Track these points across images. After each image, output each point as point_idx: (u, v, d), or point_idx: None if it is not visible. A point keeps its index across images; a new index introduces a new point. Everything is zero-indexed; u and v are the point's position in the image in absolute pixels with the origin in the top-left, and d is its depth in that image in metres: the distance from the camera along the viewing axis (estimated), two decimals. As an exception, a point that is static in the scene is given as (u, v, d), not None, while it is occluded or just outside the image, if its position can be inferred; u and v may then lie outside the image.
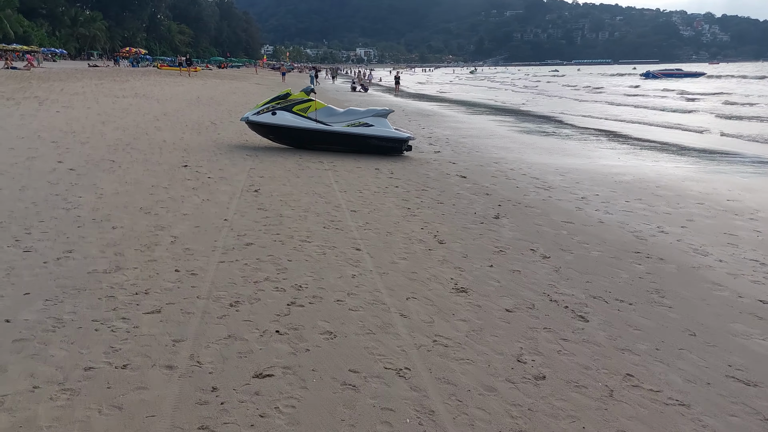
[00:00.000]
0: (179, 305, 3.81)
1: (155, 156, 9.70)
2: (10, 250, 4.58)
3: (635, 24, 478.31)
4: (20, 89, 20.88)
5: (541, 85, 63.55)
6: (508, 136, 16.83)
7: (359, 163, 10.57)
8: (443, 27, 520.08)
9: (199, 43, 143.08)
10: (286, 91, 11.75)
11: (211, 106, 21.22)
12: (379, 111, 11.72)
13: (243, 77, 59.27)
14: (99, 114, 15.37)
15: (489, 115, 26.21)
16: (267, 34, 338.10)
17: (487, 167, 10.81)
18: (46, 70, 40.90)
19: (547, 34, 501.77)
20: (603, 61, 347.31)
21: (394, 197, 7.74)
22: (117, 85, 28.55)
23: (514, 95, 44.67)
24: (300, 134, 11.47)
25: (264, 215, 6.31)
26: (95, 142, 10.61)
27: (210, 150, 10.86)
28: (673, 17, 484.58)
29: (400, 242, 5.62)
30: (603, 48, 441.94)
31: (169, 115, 16.79)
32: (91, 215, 5.78)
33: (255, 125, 11.51)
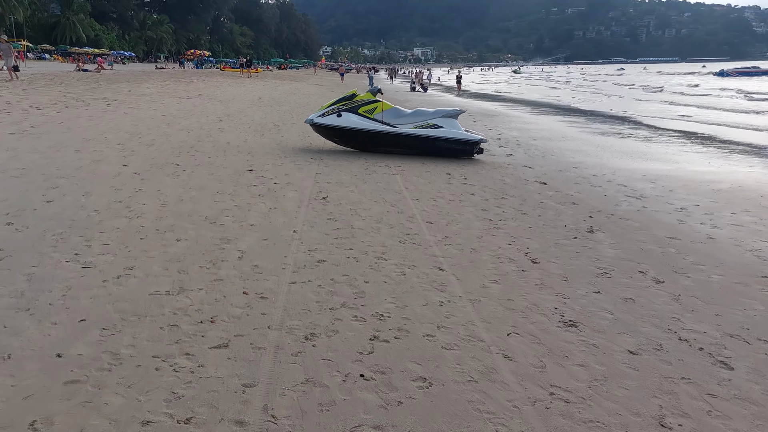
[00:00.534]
0: (249, 337, 3.33)
1: (219, 159, 9.40)
2: (68, 266, 4.23)
3: (704, 20, 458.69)
4: (89, 90, 21.32)
5: (598, 83, 61.29)
6: (581, 138, 15.89)
7: (428, 167, 9.99)
8: (502, 25, 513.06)
9: (260, 45, 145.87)
10: (351, 92, 11.29)
11: (272, 107, 21.10)
12: (448, 112, 11.11)
13: (302, 78, 59.68)
14: (164, 115, 15.36)
15: (556, 115, 25.13)
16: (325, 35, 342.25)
17: (566, 172, 10.03)
18: (115, 72, 42.17)
19: (610, 31, 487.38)
20: (669, 59, 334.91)
21: (471, 206, 7.11)
22: (182, 86, 28.97)
23: (575, 94, 43.05)
24: (366, 137, 10.98)
25: (334, 226, 5.82)
26: (160, 144, 10.43)
27: (274, 153, 10.51)
28: (745, 13, 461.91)
29: (488, 261, 5.00)
30: (669, 46, 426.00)
31: (232, 116, 16.66)
32: (155, 225, 5.42)
33: (319, 128, 11.10)
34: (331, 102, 11.32)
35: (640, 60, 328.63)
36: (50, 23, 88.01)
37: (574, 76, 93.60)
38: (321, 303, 3.89)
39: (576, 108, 29.43)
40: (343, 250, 5.08)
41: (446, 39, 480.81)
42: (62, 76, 30.44)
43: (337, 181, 8.31)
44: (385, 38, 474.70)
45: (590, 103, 32.74)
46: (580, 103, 33.41)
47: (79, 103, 16.44)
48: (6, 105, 14.41)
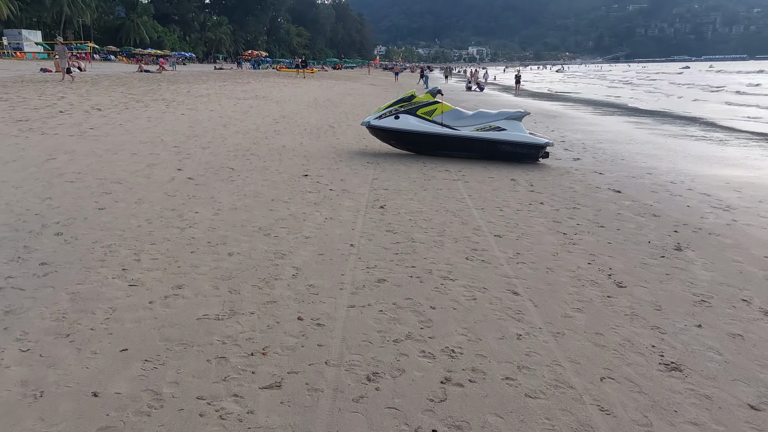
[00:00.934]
0: (304, 375, 2.95)
1: (275, 163, 9.14)
2: (114, 284, 3.96)
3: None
4: (150, 91, 21.66)
5: (657, 82, 58.75)
6: (651, 141, 14.97)
7: (491, 172, 9.46)
8: (560, 23, 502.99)
9: (315, 45, 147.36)
10: (410, 93, 10.86)
11: (328, 108, 20.91)
12: (512, 113, 10.54)
13: (357, 78, 59.69)
14: (221, 116, 15.33)
15: (620, 116, 24.02)
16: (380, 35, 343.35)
17: (640, 179, 9.32)
18: (176, 73, 43.12)
19: (673, 28, 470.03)
20: (737, 56, 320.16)
21: (541, 217, 6.56)
22: (239, 87, 29.23)
23: (633, 93, 41.26)
24: (425, 140, 10.54)
25: (394, 239, 5.40)
26: (215, 147, 10.28)
27: (330, 157, 10.19)
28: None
29: (567, 284, 4.48)
30: (737, 42, 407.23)
31: (288, 117, 16.51)
32: (207, 236, 5.13)
33: (376, 130, 10.72)
34: (388, 104, 10.93)
35: (705, 58, 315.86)
36: (115, 25, 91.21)
37: (630, 74, 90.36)
38: (383, 333, 3.48)
39: (640, 108, 28.12)
40: (405, 267, 4.66)
41: (502, 38, 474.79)
42: (125, 77, 31.25)
43: (394, 187, 7.89)
44: (439, 37, 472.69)
45: (649, 103, 31.27)
46: (638, 102, 31.97)
47: (139, 105, 16.62)
48: (69, 106, 14.67)
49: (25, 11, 76.86)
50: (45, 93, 17.87)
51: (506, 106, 25.91)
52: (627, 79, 72.92)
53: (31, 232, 4.96)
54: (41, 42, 71.24)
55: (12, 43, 68.53)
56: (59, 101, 15.71)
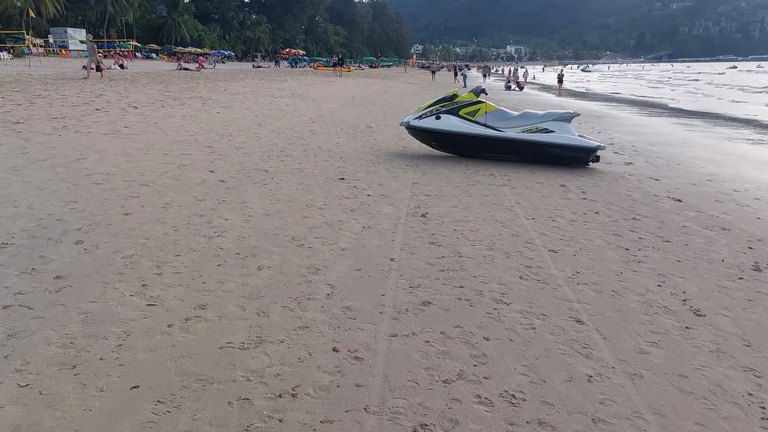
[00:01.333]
0: (340, 426, 2.50)
1: (310, 165, 8.75)
2: (131, 302, 3.58)
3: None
4: (187, 89, 21.61)
5: (698, 83, 56.67)
6: (706, 144, 14.13)
7: (538, 176, 8.89)
8: (601, 22, 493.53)
9: (352, 44, 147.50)
10: (452, 92, 10.34)
11: (365, 106, 20.51)
12: (561, 114, 9.92)
13: (393, 76, 59.31)
14: (256, 115, 15.06)
15: (668, 117, 23.02)
16: (416, 33, 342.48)
17: (701, 186, 8.63)
18: (214, 71, 43.39)
19: (719, 27, 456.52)
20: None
21: (599, 229, 5.99)
22: (276, 85, 29.10)
23: (675, 93, 39.75)
24: (467, 141, 10.01)
25: (438, 253, 4.92)
26: (249, 148, 9.95)
27: (367, 158, 9.76)
28: None
29: (638, 311, 3.93)
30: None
31: (324, 117, 16.16)
32: (236, 246, 4.73)
33: (416, 131, 10.24)
34: (429, 103, 10.43)
35: (752, 57, 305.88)
36: (157, 24, 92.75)
37: (667, 74, 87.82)
38: (431, 371, 3.00)
39: (688, 110, 26.96)
40: (452, 287, 4.18)
41: (540, 36, 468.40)
42: (164, 74, 31.46)
43: (437, 192, 7.41)
44: (477, 36, 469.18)
45: (691, 104, 29.98)
46: (680, 103, 30.70)
47: (176, 102, 16.50)
48: (106, 104, 14.60)
49: (70, 10, 78.78)
50: (84, 90, 17.93)
51: (548, 106, 25.13)
52: (666, 78, 70.76)
53: (50, 240, 4.63)
54: (85, 40, 72.91)
55: (57, 41, 70.31)
56: (97, 99, 15.68)
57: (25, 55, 46.41)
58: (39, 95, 15.55)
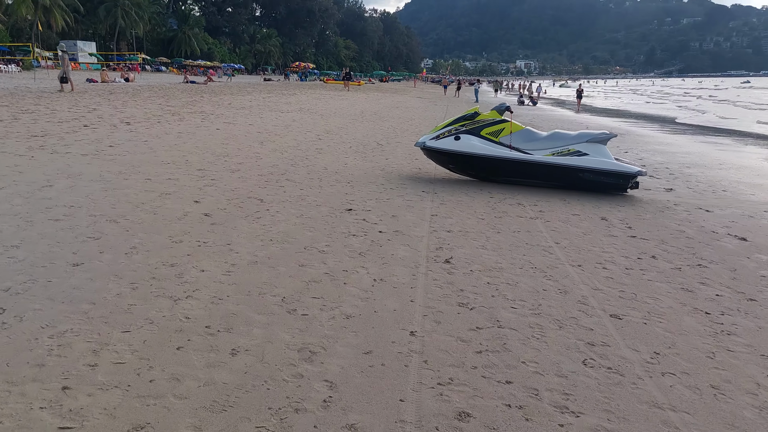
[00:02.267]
0: None
1: (313, 192, 7.67)
2: (37, 423, 2.47)
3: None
4: (190, 103, 20.70)
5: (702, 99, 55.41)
6: (746, 166, 12.97)
7: (572, 206, 7.76)
8: (610, 37, 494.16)
9: (363, 57, 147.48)
10: (473, 110, 9.26)
11: (374, 122, 19.49)
12: (595, 135, 8.81)
13: (403, 91, 58.55)
14: (259, 132, 14.05)
15: (693, 134, 21.87)
16: (426, 48, 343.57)
17: (761, 219, 7.49)
18: (222, 84, 42.65)
19: (730, 42, 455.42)
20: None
21: (662, 281, 4.85)
22: (284, 98, 28.21)
23: (684, 110, 38.51)
24: (490, 165, 8.91)
25: (471, 322, 3.79)
26: (247, 170, 8.89)
27: (378, 182, 8.67)
28: None
29: (755, 422, 2.80)
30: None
31: (332, 133, 15.13)
32: (207, 315, 3.62)
33: (433, 153, 9.17)
34: (447, 122, 9.35)
35: (763, 73, 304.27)
36: (168, 37, 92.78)
37: (668, 89, 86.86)
38: None
39: (716, 127, 25.77)
40: (496, 383, 3.04)
41: (550, 51, 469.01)
42: (168, 88, 30.65)
43: (460, 228, 6.30)
44: (486, 50, 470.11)
45: (716, 121, 28.75)
46: (689, 118, 29.51)
47: (174, 118, 15.53)
48: (97, 120, 13.63)
49: (81, 23, 78.86)
50: (78, 104, 17.01)
51: (567, 123, 24.00)
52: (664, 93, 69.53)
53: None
54: (95, 53, 72.75)
55: (68, 53, 70.17)
56: (89, 114, 14.74)
57: (33, 68, 45.94)
58: (26, 110, 14.62)
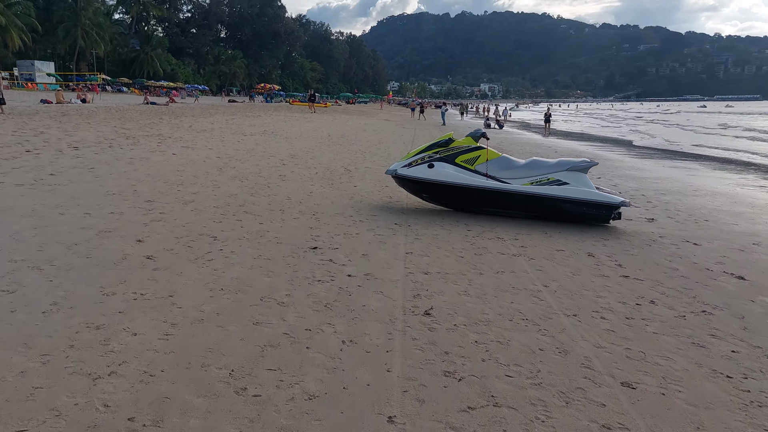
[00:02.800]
0: None
1: (274, 226, 6.96)
2: None
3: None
4: (148, 125, 19.76)
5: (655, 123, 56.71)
6: (720, 192, 12.75)
7: (555, 239, 7.22)
8: (571, 62, 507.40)
9: (329, 80, 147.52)
10: (447, 136, 8.71)
11: (342, 145, 18.88)
12: (576, 164, 8.34)
13: (370, 113, 58.30)
14: (219, 157, 13.28)
15: (661, 159, 21.94)
16: (392, 71, 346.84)
17: (752, 254, 7.06)
18: (184, 105, 41.57)
19: (685, 68, 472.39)
20: (751, 96, 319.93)
21: (669, 335, 4.28)
22: (248, 120, 27.42)
23: (637, 134, 39.10)
24: (466, 194, 8.34)
25: (461, 400, 3.11)
26: (201, 201, 8.13)
27: (346, 214, 8.01)
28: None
29: None
30: (749, 83, 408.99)
31: (297, 157, 14.45)
32: (133, 399, 2.87)
33: (405, 181, 8.58)
34: (420, 148, 8.78)
35: (717, 97, 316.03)
36: (130, 58, 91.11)
37: (622, 113, 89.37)
38: None
39: (681, 151, 25.97)
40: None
41: (513, 75, 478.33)
42: (127, 109, 29.55)
43: (438, 268, 5.66)
44: (451, 74, 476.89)
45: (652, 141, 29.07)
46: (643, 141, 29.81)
47: (128, 141, 14.64)
48: (43, 144, 12.66)
49: (39, 42, 76.77)
50: (25, 127, 15.95)
51: (536, 148, 23.79)
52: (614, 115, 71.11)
53: None
54: (53, 73, 70.72)
55: (24, 74, 68.11)
56: (35, 137, 13.74)
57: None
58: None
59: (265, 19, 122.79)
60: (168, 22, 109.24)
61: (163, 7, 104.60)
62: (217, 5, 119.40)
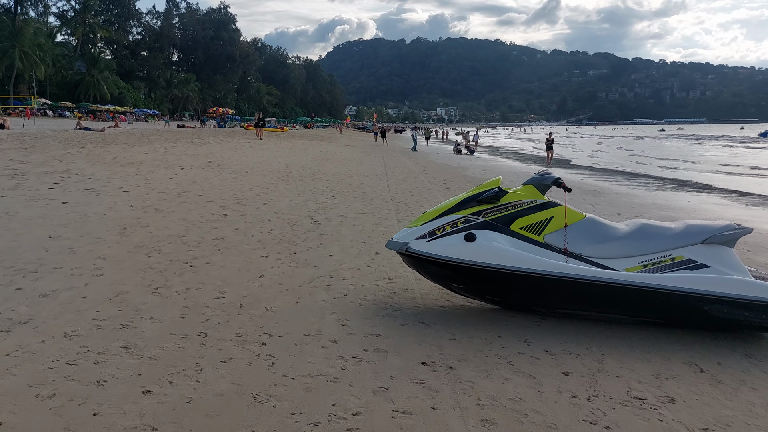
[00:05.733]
0: None
1: (180, 395, 3.24)
2: None
3: (729, 83, 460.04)
4: (58, 157, 15.68)
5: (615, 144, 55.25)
6: None
7: (722, 381, 3.73)
8: (524, 87, 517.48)
9: (286, 104, 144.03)
10: (493, 182, 5.14)
11: (304, 181, 15.21)
12: (715, 231, 4.84)
13: (330, 138, 54.82)
14: (132, 205, 9.43)
15: (675, 189, 18.71)
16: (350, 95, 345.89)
17: None
18: (123, 131, 37.18)
19: (633, 93, 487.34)
20: (697, 120, 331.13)
21: None
22: (191, 149, 23.46)
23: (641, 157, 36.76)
24: (532, 287, 4.75)
25: None
26: (48, 319, 4.34)
27: (323, 334, 4.32)
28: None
29: None
30: (695, 107, 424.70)
31: (245, 202, 10.72)
32: None
33: (425, 263, 4.95)
34: (447, 204, 5.14)
35: (666, 121, 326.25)
36: (74, 81, 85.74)
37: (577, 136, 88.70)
38: None
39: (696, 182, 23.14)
40: None
41: (468, 100, 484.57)
42: (49, 136, 25.17)
43: None
44: (408, 98, 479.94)
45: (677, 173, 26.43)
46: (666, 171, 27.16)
47: (11, 181, 10.66)
48: None
49: (-29, 64, 71.06)
50: None
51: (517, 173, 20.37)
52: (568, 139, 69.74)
53: None
54: None
55: None
56: None
57: None
58: None
59: (219, 43, 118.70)
60: (116, 44, 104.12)
61: (110, 29, 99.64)
62: (169, 28, 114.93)
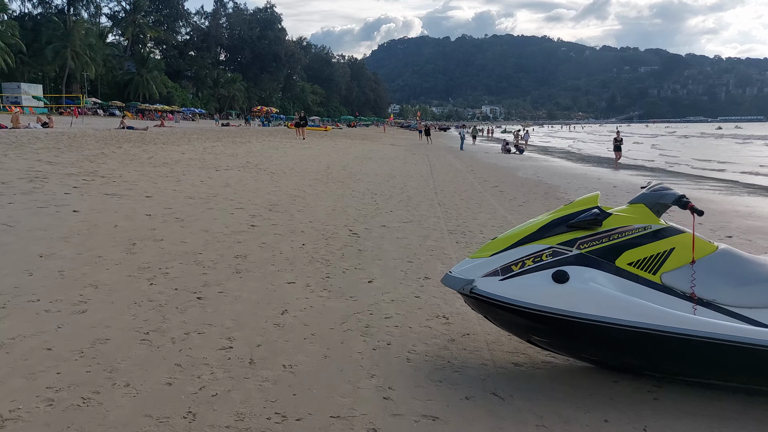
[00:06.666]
0: None
1: None
2: None
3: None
4: (91, 157, 15.03)
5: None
6: None
7: None
8: (572, 84, 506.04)
9: (330, 103, 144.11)
10: (590, 202, 3.85)
11: (344, 182, 14.13)
12: None
13: (373, 137, 53.85)
14: (150, 214, 8.48)
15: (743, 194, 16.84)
16: (393, 93, 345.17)
17: None
18: (166, 129, 37.00)
19: (686, 90, 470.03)
20: (753, 118, 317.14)
21: None
22: (230, 149, 22.73)
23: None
24: (651, 348, 3.44)
25: None
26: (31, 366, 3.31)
27: (357, 422, 3.14)
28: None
29: None
30: (751, 104, 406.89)
31: (278, 209, 9.68)
32: None
33: (495, 307, 3.70)
34: (528, 228, 3.84)
35: (721, 119, 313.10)
36: (124, 80, 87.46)
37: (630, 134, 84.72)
38: None
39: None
40: None
41: (514, 97, 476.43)
42: (90, 134, 24.87)
43: None
44: (452, 96, 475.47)
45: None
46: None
47: (30, 185, 9.89)
48: None
49: (27, 65, 72.99)
50: None
51: (574, 176, 18.82)
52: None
53: None
54: (40, 96, 66.58)
55: (9, 96, 64.00)
56: None
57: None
58: None
59: (265, 42, 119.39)
60: (165, 44, 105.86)
61: (160, 29, 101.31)
62: (217, 28, 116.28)
